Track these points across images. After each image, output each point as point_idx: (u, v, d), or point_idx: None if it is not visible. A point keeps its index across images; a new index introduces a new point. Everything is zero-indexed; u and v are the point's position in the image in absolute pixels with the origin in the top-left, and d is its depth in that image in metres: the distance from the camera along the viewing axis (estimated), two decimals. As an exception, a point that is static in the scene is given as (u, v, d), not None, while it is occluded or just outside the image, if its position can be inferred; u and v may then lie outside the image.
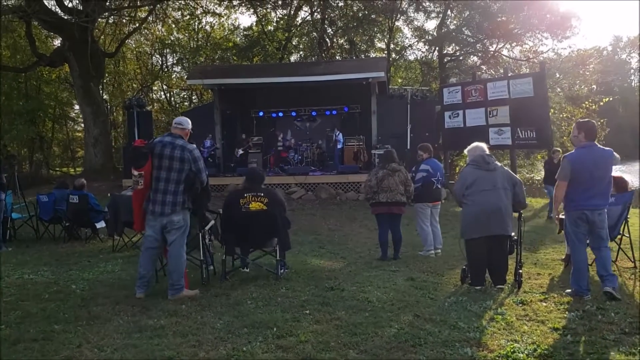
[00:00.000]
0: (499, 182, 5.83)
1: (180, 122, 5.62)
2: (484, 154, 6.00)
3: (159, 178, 5.34)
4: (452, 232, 10.35)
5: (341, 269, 7.04)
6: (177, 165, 5.33)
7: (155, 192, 5.35)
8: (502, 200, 5.79)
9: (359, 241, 9.90)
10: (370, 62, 21.57)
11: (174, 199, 5.34)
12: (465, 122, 16.61)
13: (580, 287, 5.34)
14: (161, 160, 5.33)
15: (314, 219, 12.87)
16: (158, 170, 5.34)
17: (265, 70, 20.61)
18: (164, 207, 5.32)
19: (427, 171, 7.90)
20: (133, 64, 32.08)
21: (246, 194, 6.13)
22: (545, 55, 24.51)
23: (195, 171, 5.40)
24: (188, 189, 5.40)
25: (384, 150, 8.92)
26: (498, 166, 5.96)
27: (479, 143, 6.18)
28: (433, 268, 7.01)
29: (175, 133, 5.50)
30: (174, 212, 5.34)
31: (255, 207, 6.06)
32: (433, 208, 8.23)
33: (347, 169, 16.99)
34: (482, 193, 5.82)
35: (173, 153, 5.33)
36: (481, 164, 5.95)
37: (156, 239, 5.45)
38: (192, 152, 5.39)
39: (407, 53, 29.84)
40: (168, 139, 5.42)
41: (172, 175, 5.33)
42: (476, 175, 5.93)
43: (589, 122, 5.56)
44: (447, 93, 17.37)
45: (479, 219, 5.81)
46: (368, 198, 7.73)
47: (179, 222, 5.40)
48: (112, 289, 5.85)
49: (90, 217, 9.91)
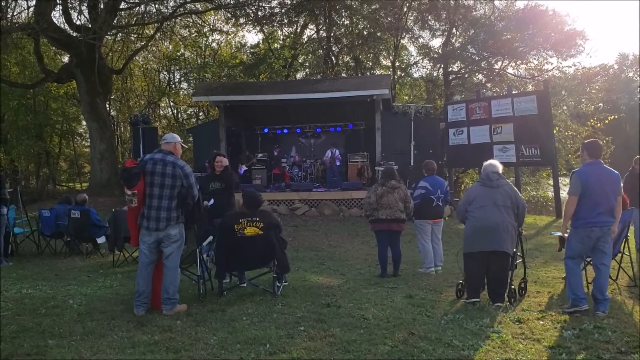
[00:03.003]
0: (500, 199, 5.85)
1: (166, 138, 5.71)
2: (489, 171, 6.05)
3: (152, 195, 5.40)
4: (454, 249, 10.22)
5: (339, 285, 7.02)
6: (169, 182, 5.40)
7: (149, 208, 5.41)
8: (499, 217, 5.80)
9: (359, 258, 9.87)
10: (375, 80, 21.69)
11: (167, 215, 5.40)
12: (470, 139, 16.65)
13: (577, 296, 5.36)
14: (153, 177, 5.40)
15: (316, 235, 12.87)
16: (150, 187, 5.40)
17: (270, 87, 20.74)
18: (158, 222, 5.38)
19: (425, 188, 7.89)
20: (140, 81, 32.37)
21: (241, 219, 6.11)
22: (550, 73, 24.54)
23: (187, 187, 5.46)
24: (181, 204, 5.46)
25: (384, 167, 8.92)
26: (503, 184, 5.96)
27: (492, 161, 6.25)
28: (432, 285, 6.98)
29: (165, 149, 5.57)
30: (169, 226, 5.40)
31: (251, 233, 6.06)
32: (434, 225, 8.21)
33: (350, 185, 17.02)
34: (481, 209, 5.88)
35: (165, 170, 5.40)
36: (485, 181, 6.02)
37: (151, 253, 5.49)
38: (184, 169, 5.46)
39: (412, 70, 30.02)
40: (159, 156, 5.48)
41: (165, 192, 5.39)
42: (479, 191, 6.02)
43: (592, 141, 5.69)
44: (451, 110, 17.43)
45: (475, 233, 5.88)
46: (367, 215, 7.73)
47: (175, 235, 5.45)
48: (109, 304, 5.86)
49: (91, 232, 9.96)
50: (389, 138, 17.83)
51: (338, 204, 16.17)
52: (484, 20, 24.30)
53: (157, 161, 5.44)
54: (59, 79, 22.65)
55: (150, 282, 5.54)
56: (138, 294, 5.46)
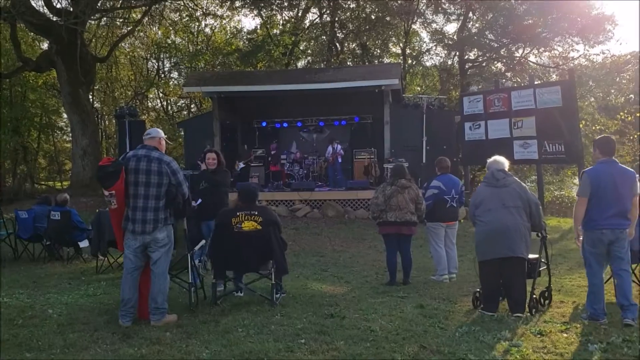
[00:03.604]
0: (509, 199, 5.87)
1: (149, 133, 5.73)
2: (494, 169, 6.07)
3: (137, 195, 5.40)
4: (470, 254, 10.23)
5: (344, 294, 7.03)
6: (154, 180, 5.40)
7: (134, 210, 5.41)
8: (511, 220, 5.81)
9: (366, 264, 9.88)
10: (384, 69, 21.67)
11: (154, 216, 5.40)
12: (488, 134, 16.64)
13: (595, 310, 5.38)
14: (137, 175, 5.40)
15: (318, 239, 12.89)
16: (135, 186, 5.40)
17: (269, 77, 20.74)
18: (145, 225, 5.38)
19: (438, 188, 7.91)
20: (127, 70, 32.40)
21: (239, 213, 6.15)
22: (576, 61, 24.52)
23: (176, 184, 5.47)
24: (169, 203, 5.46)
25: (393, 164, 8.93)
26: (511, 182, 5.98)
27: (496, 157, 6.26)
28: (446, 294, 6.99)
29: (148, 145, 5.57)
30: (157, 229, 5.41)
31: (249, 227, 6.08)
32: (448, 228, 8.21)
33: (356, 184, 17.02)
34: (490, 212, 5.92)
35: (150, 167, 5.40)
36: (490, 181, 6.05)
37: (137, 259, 5.50)
38: (170, 165, 5.47)
39: (424, 58, 30.01)
40: (142, 152, 5.49)
41: (151, 191, 5.40)
42: (485, 193, 6.06)
43: (603, 137, 5.77)
44: (467, 102, 17.41)
45: (487, 239, 5.92)
46: (375, 217, 7.74)
47: (163, 239, 5.46)
48: (92, 314, 5.88)
49: (72, 235, 9.99)
50: (399, 132, 17.82)
51: (343, 204, 16.17)
52: (504, 3, 24.23)
53: (141, 158, 5.44)
54: (37, 67, 22.71)
55: (137, 290, 5.56)
56: (123, 303, 5.47)
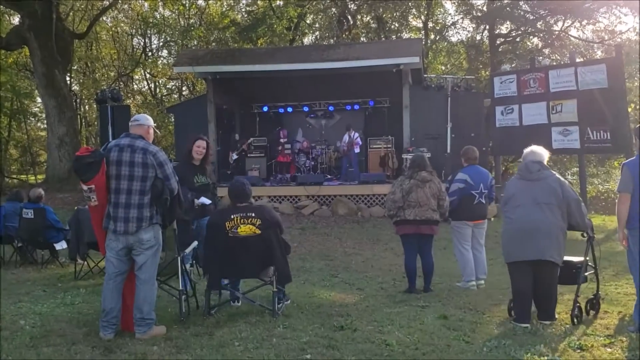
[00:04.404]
0: (541, 195, 5.86)
1: (137, 119, 5.72)
2: (529, 160, 6.08)
3: (119, 189, 5.40)
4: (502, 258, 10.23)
5: (356, 303, 7.03)
6: (139, 173, 5.39)
7: (116, 206, 5.40)
8: (541, 218, 5.81)
9: (381, 268, 9.89)
10: (403, 45, 21.61)
11: (138, 214, 5.40)
12: (522, 119, 16.55)
13: None
14: (120, 167, 5.39)
15: (327, 240, 12.91)
16: (117, 180, 5.40)
17: (271, 55, 20.72)
18: (127, 224, 5.38)
19: (464, 181, 7.87)
20: (109, 48, 32.47)
21: (233, 215, 6.11)
22: (624, 36, 24.34)
23: (162, 178, 5.47)
24: (155, 200, 5.46)
25: (413, 155, 8.92)
26: (546, 176, 5.96)
27: (534, 147, 6.25)
28: (473, 303, 6.97)
29: (134, 133, 5.57)
30: (141, 228, 5.41)
31: (246, 231, 6.06)
32: (475, 228, 8.18)
33: (371, 177, 17.02)
34: (519, 208, 5.93)
35: (133, 158, 5.40)
36: (524, 174, 6.06)
37: (120, 262, 5.50)
38: (157, 155, 5.46)
39: (449, 33, 29.89)
40: (126, 142, 5.48)
41: (135, 185, 5.39)
42: (517, 187, 6.08)
43: None
44: (499, 83, 17.32)
45: (513, 239, 5.96)
46: (391, 215, 7.72)
47: (149, 240, 5.45)
48: (69, 326, 5.89)
49: (47, 236, 10.02)
50: (420, 118, 17.78)
51: (355, 200, 16.19)
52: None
53: (124, 148, 5.44)
54: (7, 45, 22.78)
55: (120, 299, 5.57)
56: (105, 313, 5.48)
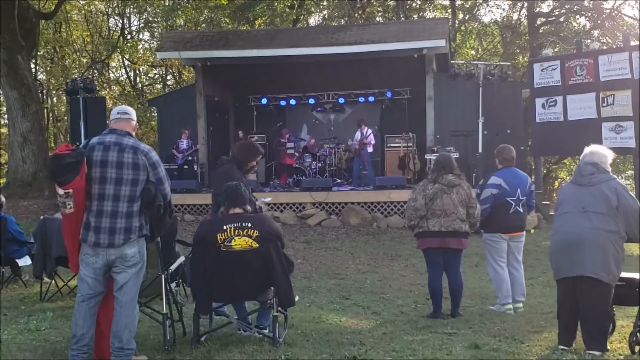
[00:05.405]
0: (590, 202, 5.83)
1: (126, 112, 5.65)
2: (582, 162, 6.08)
3: (104, 195, 5.30)
4: (544, 276, 10.25)
5: (371, 329, 7.02)
6: (128, 175, 5.31)
7: (99, 215, 5.31)
8: (587, 228, 5.78)
9: (401, 289, 9.86)
10: (425, 26, 21.49)
11: (127, 224, 5.33)
12: (567, 113, 16.51)
13: None
14: (105, 169, 5.29)
15: (337, 256, 12.88)
16: (101, 184, 5.30)
17: (271, 38, 20.68)
18: (113, 236, 5.29)
19: (498, 187, 7.82)
20: (81, 29, 32.58)
21: (226, 226, 6.07)
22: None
23: (156, 182, 5.43)
24: (147, 207, 5.42)
25: (438, 155, 8.91)
26: (599, 181, 5.92)
27: (594, 147, 6.24)
28: (510, 330, 6.94)
29: (120, 129, 5.50)
30: (128, 242, 5.35)
31: (241, 245, 6.00)
32: (511, 241, 8.14)
33: (388, 181, 17.03)
34: (565, 217, 5.95)
35: (122, 158, 5.31)
36: (575, 177, 6.07)
37: (97, 282, 5.40)
38: (149, 155, 5.39)
39: (481, 12, 29.87)
40: (111, 139, 5.40)
41: (123, 190, 5.31)
42: (567, 193, 6.13)
43: None
44: (539, 71, 17.28)
45: (556, 252, 6.01)
46: (412, 225, 7.69)
47: (134, 257, 5.39)
48: (34, 355, 5.90)
49: (8, 250, 10.01)
50: (446, 112, 17.78)
51: (370, 209, 16.19)
52: None
53: (110, 146, 5.35)
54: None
55: (94, 324, 5.48)
56: (75, 340, 5.39)
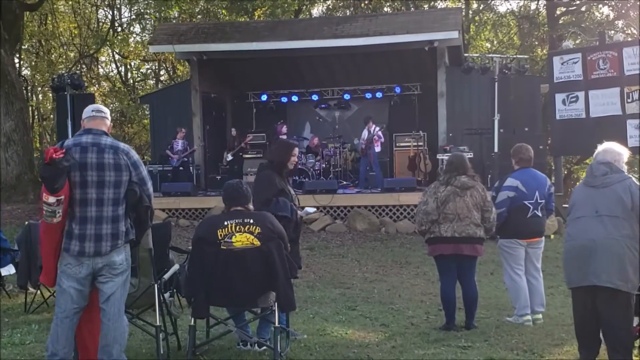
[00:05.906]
0: (604, 205, 5.82)
1: (101, 109, 5.66)
2: (595, 162, 6.11)
3: (86, 200, 5.28)
4: (564, 285, 10.18)
5: (379, 342, 7.03)
6: (111, 177, 5.31)
7: (83, 222, 5.29)
8: (600, 234, 5.77)
9: (411, 299, 9.87)
10: (437, 17, 21.47)
11: (113, 229, 5.33)
12: (589, 110, 16.48)
13: None
14: (84, 172, 5.27)
15: (342, 263, 12.90)
16: (82, 188, 5.27)
17: (271, 31, 20.68)
18: (100, 243, 5.28)
19: (515, 189, 7.82)
20: (68, 21, 32.64)
21: (227, 222, 6.09)
22: None
23: (139, 182, 5.44)
24: (132, 210, 5.44)
25: (450, 155, 8.91)
26: (613, 182, 5.91)
27: (607, 145, 6.26)
28: (528, 344, 6.95)
29: (95, 128, 5.49)
30: (115, 248, 5.35)
31: (242, 242, 6.01)
32: (529, 247, 8.14)
33: (398, 183, 17.04)
34: (577, 222, 5.94)
35: (102, 159, 5.31)
36: (588, 179, 6.10)
37: (81, 295, 5.35)
38: (130, 154, 5.41)
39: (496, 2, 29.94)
40: (88, 139, 5.37)
41: (106, 193, 5.31)
42: (580, 195, 6.12)
43: None
44: (559, 64, 17.27)
45: (569, 259, 5.99)
46: (423, 230, 7.70)
47: (121, 264, 5.39)
48: (18, 371, 5.95)
49: (-9, 258, 10.08)
50: (460, 109, 17.81)
51: (378, 213, 16.22)
52: None
53: (88, 147, 5.33)
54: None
55: (73, 341, 5.41)
56: (51, 355, 5.29)
